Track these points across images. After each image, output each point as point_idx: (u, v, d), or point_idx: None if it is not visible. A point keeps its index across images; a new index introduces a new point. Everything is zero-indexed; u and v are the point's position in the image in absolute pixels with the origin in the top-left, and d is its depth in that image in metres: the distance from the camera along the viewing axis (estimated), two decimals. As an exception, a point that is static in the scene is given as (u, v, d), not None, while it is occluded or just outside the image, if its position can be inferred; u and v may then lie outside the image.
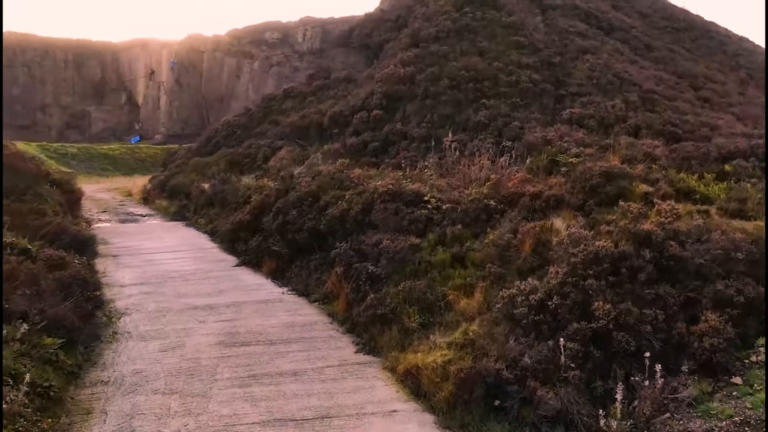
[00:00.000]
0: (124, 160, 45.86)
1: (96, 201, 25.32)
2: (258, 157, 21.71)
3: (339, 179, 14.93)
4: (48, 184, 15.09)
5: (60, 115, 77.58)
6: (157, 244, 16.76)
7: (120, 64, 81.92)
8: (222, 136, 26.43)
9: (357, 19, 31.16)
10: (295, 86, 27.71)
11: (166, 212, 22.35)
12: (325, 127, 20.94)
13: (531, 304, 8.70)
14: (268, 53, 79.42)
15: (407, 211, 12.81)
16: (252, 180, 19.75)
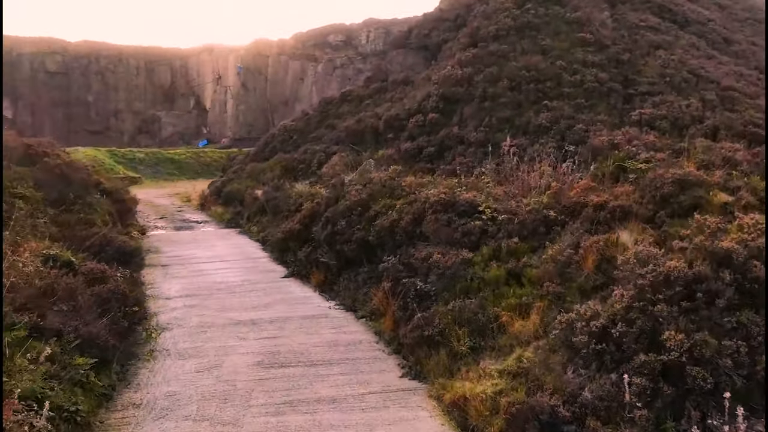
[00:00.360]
0: (189, 164, 46.61)
1: (155, 207, 25.59)
2: (313, 162, 21.32)
3: (390, 187, 14.28)
4: (98, 194, 15.08)
5: (132, 120, 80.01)
6: (208, 253, 16.55)
7: (189, 69, 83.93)
8: (279, 141, 26.23)
9: (417, 20, 30.48)
10: (353, 89, 27.23)
11: (220, 219, 22.27)
12: (380, 131, 20.36)
13: (592, 331, 7.81)
14: (332, 56, 79.92)
15: (460, 223, 12.04)
16: (305, 187, 19.35)
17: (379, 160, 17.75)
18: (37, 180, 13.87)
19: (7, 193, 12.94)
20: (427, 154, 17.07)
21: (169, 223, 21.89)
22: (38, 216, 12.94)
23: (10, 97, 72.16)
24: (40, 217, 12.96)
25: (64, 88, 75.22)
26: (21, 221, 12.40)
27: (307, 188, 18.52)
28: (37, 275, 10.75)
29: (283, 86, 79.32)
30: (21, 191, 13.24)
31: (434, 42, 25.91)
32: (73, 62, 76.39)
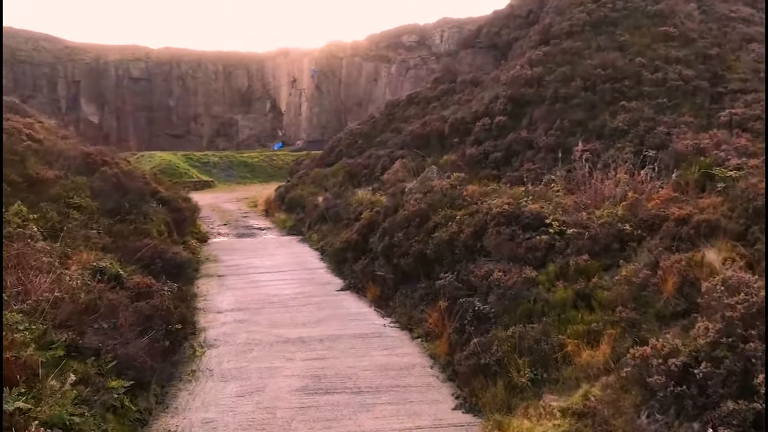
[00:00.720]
0: (262, 167, 47.05)
1: (222, 212, 25.64)
2: (376, 168, 20.70)
3: (451, 197, 13.44)
4: (155, 203, 14.95)
5: (210, 123, 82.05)
6: (266, 263, 16.19)
7: (265, 73, 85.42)
8: (344, 145, 25.76)
9: (488, 18, 29.37)
10: (420, 91, 26.44)
11: (283, 226, 21.98)
12: (445, 135, 19.50)
13: (671, 370, 6.77)
14: (405, 56, 79.48)
15: (524, 237, 11.09)
16: (367, 194, 18.75)
17: (443, 166, 16.92)
18: (95, 189, 13.80)
19: (63, 203, 12.90)
20: (493, 159, 16.11)
21: (232, 230, 21.79)
22: (92, 226, 12.83)
23: (97, 102, 75.41)
24: (94, 228, 12.84)
25: (147, 93, 77.96)
26: (74, 232, 12.30)
27: (368, 195, 17.90)
28: (83, 289, 10.54)
29: (357, 88, 79.49)
30: (77, 201, 13.18)
31: (504, 41, 24.79)
32: (156, 68, 79.08)
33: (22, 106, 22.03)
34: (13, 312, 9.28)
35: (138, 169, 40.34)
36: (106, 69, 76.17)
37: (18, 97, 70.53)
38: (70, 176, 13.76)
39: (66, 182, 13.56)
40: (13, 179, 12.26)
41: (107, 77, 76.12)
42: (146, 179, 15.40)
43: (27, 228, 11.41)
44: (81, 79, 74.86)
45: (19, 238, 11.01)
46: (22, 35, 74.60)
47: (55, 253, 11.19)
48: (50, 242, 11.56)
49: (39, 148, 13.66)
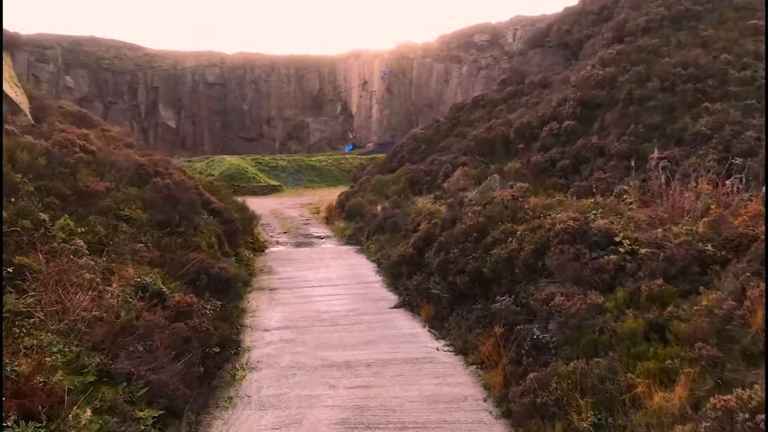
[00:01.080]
0: (330, 171, 46.90)
1: (283, 219, 25.39)
2: (438, 175, 19.88)
3: (512, 209, 12.50)
4: (207, 214, 14.65)
5: (282, 126, 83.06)
6: (321, 275, 15.66)
7: (336, 75, 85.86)
8: (407, 150, 24.98)
9: (558, 15, 27.95)
10: (486, 93, 25.38)
11: (342, 234, 21.46)
12: (510, 140, 18.47)
13: (758, 427, 5.75)
14: (477, 56, 78.11)
15: (591, 256, 10.06)
16: (428, 202, 17.96)
17: (507, 174, 15.94)
18: (146, 201, 13.60)
19: (113, 215, 12.72)
20: (560, 167, 14.99)
21: (291, 238, 21.44)
22: (140, 239, 12.59)
23: (174, 107, 77.61)
24: (143, 241, 12.60)
25: (221, 97, 79.67)
26: (121, 245, 12.07)
27: (427, 205, 17.12)
28: (124, 308, 10.24)
29: (428, 89, 78.71)
30: (127, 213, 12.97)
31: (575, 39, 23.43)
32: (230, 73, 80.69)
33: (89, 114, 22.40)
34: (49, 333, 9.06)
35: (208, 175, 41.08)
36: (183, 75, 78.30)
37: (101, 103, 73.63)
38: (122, 188, 13.59)
39: (117, 194, 13.39)
40: (63, 192, 12.14)
41: (184, 83, 78.23)
42: (199, 190, 15.13)
43: (72, 243, 11.21)
44: (159, 85, 77.20)
45: (62, 254, 10.82)
46: (105, 44, 77.65)
47: (98, 269, 10.97)
48: (95, 257, 11.35)
49: (92, 160, 13.56)
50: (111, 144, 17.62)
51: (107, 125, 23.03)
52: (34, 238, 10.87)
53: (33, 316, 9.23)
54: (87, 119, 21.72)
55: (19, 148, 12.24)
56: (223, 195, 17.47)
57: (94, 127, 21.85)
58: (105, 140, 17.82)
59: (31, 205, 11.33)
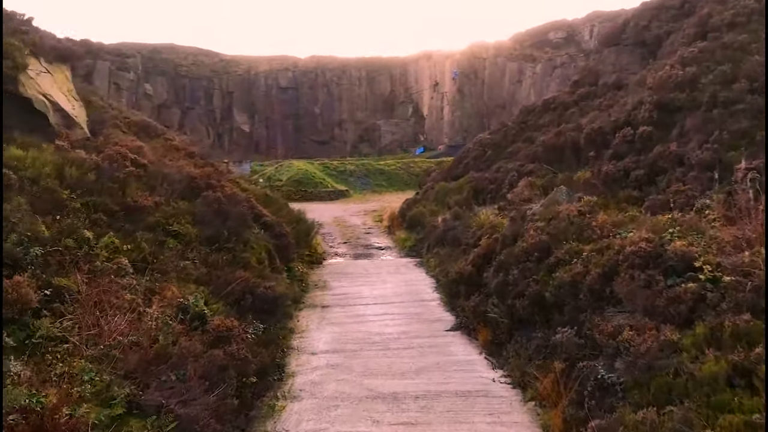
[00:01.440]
0: (398, 175, 46.28)
1: (345, 228, 24.91)
2: (504, 184, 18.86)
3: (579, 226, 11.47)
4: (258, 228, 14.24)
5: (354, 129, 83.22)
6: (376, 292, 14.99)
7: (407, 77, 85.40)
8: (472, 157, 23.97)
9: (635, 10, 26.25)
10: (557, 95, 24.08)
11: (402, 246, 20.74)
12: (581, 147, 17.27)
13: None
14: (552, 55, 75.83)
15: (666, 284, 8.97)
16: (491, 214, 17.01)
17: (575, 185, 14.82)
18: (197, 215, 13.31)
19: (161, 230, 12.46)
20: (634, 178, 13.75)
21: (350, 249, 20.90)
22: (188, 256, 12.29)
23: (248, 112, 79.04)
24: (190, 257, 12.28)
25: (293, 101, 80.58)
26: (167, 262, 11.78)
27: (490, 217, 16.18)
28: (163, 331, 9.89)
29: (500, 89, 77.07)
30: (176, 228, 12.70)
31: (653, 36, 21.83)
32: (302, 77, 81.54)
33: (154, 124, 22.56)
34: (82, 359, 8.76)
35: (276, 180, 41.23)
36: (257, 79, 79.64)
37: (178, 108, 75.81)
38: (172, 202, 13.35)
39: (167, 208, 13.15)
40: (111, 208, 11.96)
41: (257, 87, 79.56)
42: (250, 203, 14.75)
43: (115, 261, 10.96)
44: (234, 90, 78.79)
45: (104, 274, 10.57)
46: (183, 51, 79.95)
47: (140, 289, 10.68)
48: (139, 276, 11.07)
49: (142, 174, 13.38)
50: (168, 155, 17.53)
51: (171, 134, 23.16)
52: (78, 257, 10.67)
53: (68, 341, 8.97)
54: (151, 129, 21.85)
55: (68, 164, 12.13)
56: (279, 206, 17.07)
57: (158, 136, 21.96)
58: (164, 151, 17.76)
59: (77, 222, 11.17)
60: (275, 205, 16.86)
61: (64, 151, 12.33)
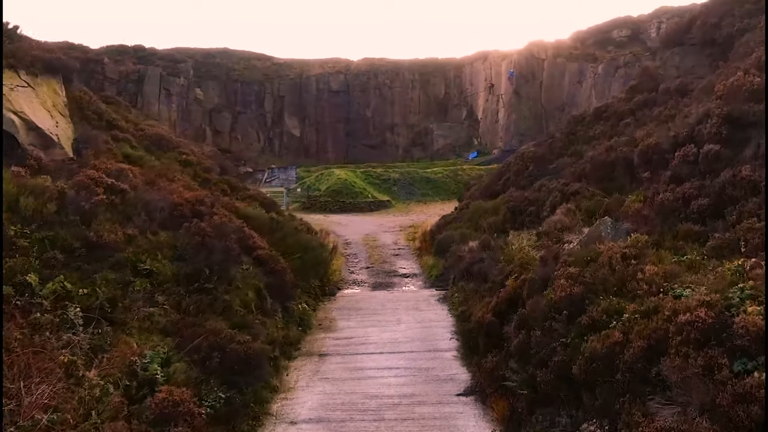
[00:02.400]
0: (444, 183, 43.98)
1: (372, 248, 22.94)
2: (545, 205, 16.51)
3: (621, 276, 9.21)
4: (249, 263, 12.44)
5: (406, 133, 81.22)
6: (386, 335, 12.97)
7: (462, 79, 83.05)
8: (513, 172, 21.53)
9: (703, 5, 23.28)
10: (611, 103, 21.38)
11: (429, 274, 18.63)
12: (634, 166, 14.84)
13: None
14: (615, 54, 71.75)
15: (732, 371, 6.69)
16: (526, 241, 14.77)
17: (624, 214, 12.46)
18: (177, 249, 11.62)
19: (129, 269, 10.81)
20: (696, 209, 11.27)
21: (371, 276, 18.91)
22: (158, 300, 10.59)
23: (299, 116, 78.02)
24: (160, 302, 10.59)
25: (345, 105, 79.18)
26: (130, 309, 10.10)
27: (524, 245, 13.94)
28: (101, 402, 8.21)
29: (559, 91, 73.57)
30: (148, 266, 11.03)
31: (725, 34, 18.98)
32: (354, 80, 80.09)
33: (168, 136, 21.20)
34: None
35: (315, 190, 39.54)
36: (308, 83, 78.63)
37: (230, 113, 75.50)
38: (149, 234, 11.69)
39: (142, 242, 11.51)
40: (70, 244, 10.36)
41: (308, 91, 78.55)
42: (243, 233, 12.98)
43: (61, 311, 9.32)
44: (285, 94, 77.99)
45: (44, 328, 8.95)
46: (236, 56, 79.67)
47: (83, 346, 9.03)
48: (88, 329, 9.41)
49: (118, 202, 11.78)
50: (168, 174, 15.97)
51: (189, 147, 21.73)
52: (15, 307, 9.10)
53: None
54: (164, 142, 20.47)
55: (25, 193, 10.59)
56: (285, 233, 15.11)
57: (171, 149, 20.57)
58: (163, 170, 16.23)
59: (24, 263, 9.61)
60: (281, 232, 15.04)
61: (21, 177, 10.82)
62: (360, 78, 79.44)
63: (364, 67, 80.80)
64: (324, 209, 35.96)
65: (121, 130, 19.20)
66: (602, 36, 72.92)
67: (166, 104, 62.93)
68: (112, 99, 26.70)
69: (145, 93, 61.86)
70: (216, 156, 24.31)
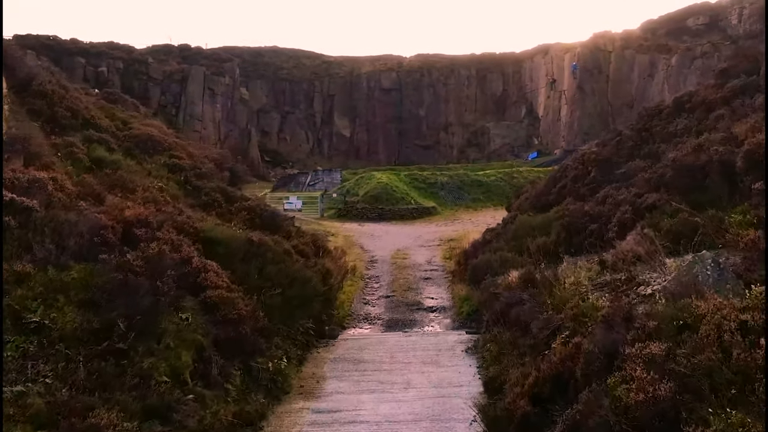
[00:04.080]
0: (498, 187, 39.83)
1: (401, 269, 19.16)
2: (611, 223, 12.53)
3: (743, 365, 5.39)
4: (195, 308, 9.02)
5: (461, 133, 77.17)
6: (385, 408, 9.31)
7: (521, 75, 78.49)
8: (571, 177, 17.41)
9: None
10: (695, 91, 17.02)
11: (459, 309, 14.75)
12: (736, 171, 10.85)
13: None
14: (691, 44, 65.66)
15: None
16: (588, 271, 10.95)
17: (730, 243, 8.57)
18: (91, 290, 8.41)
19: (10, 322, 7.65)
20: None
21: (388, 310, 15.17)
22: (39, 370, 7.36)
23: (349, 116, 74.99)
24: (43, 371, 7.38)
25: (396, 103, 75.71)
26: None
27: (580, 283, 10.14)
28: None
29: (628, 85, 67.97)
30: (37, 317, 7.84)
31: None
32: (406, 77, 76.49)
33: (160, 137, 18.15)
34: None
35: (353, 195, 36.01)
36: (359, 81, 75.54)
37: (278, 113, 73.12)
38: (52, 270, 8.48)
39: (39, 281, 8.30)
40: None
41: (359, 89, 75.47)
42: (191, 266, 9.59)
43: None
44: (335, 93, 75.16)
45: None
46: (285, 54, 77.30)
47: None
48: None
49: (15, 225, 8.62)
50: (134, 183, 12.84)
51: (185, 149, 18.70)
52: None
53: None
54: (153, 144, 17.53)
55: None
56: (267, 260, 11.50)
57: (161, 152, 17.57)
58: (125, 180, 13.12)
59: None
60: (259, 259, 11.52)
61: None
62: (413, 75, 75.76)
63: (417, 63, 77.07)
64: (361, 217, 32.49)
65: (98, 129, 16.34)
66: (676, 25, 66.94)
67: (210, 104, 60.73)
68: (116, 97, 24.07)
69: (188, 93, 59.78)
70: (226, 159, 21.21)
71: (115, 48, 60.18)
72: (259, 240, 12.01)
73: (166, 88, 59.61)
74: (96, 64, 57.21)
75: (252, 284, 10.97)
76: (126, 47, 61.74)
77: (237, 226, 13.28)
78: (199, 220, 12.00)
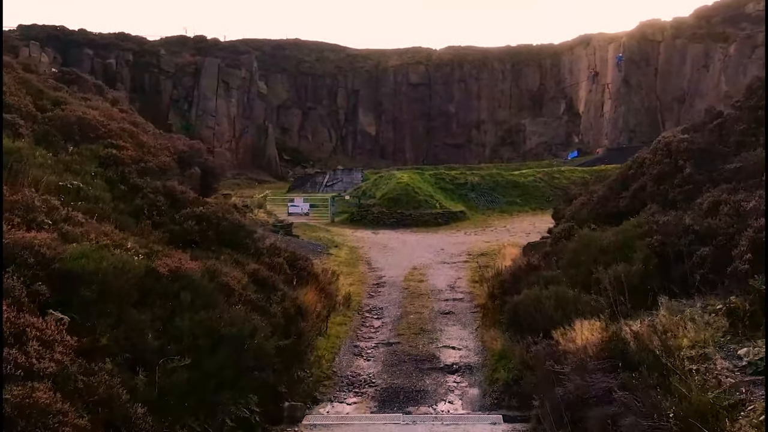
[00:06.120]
0: (537, 189, 34.99)
1: (413, 298, 14.30)
2: (733, 243, 7.81)
3: None
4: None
5: (494, 131, 72.27)
6: None
7: (560, 68, 73.13)
8: (651, 175, 12.30)
9: None
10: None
11: (492, 374, 9.70)
12: None
13: None
14: (751, 31, 59.53)
15: None
16: (707, 326, 6.28)
17: None
18: None
19: None
20: None
21: (389, 367, 10.05)
22: None
23: (374, 112, 70.59)
24: None
25: (425, 99, 71.22)
26: None
27: (708, 358, 5.50)
28: None
29: (679, 79, 62.08)
30: None
31: None
32: (435, 71, 71.86)
33: (97, 122, 13.82)
34: None
35: (369, 197, 31.37)
36: (385, 76, 71.10)
37: (299, 109, 68.91)
38: None
39: None
40: None
41: (385, 84, 71.01)
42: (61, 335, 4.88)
43: None
44: (360, 88, 70.86)
45: None
46: (307, 47, 73.16)
47: None
48: None
49: None
50: None
51: (137, 138, 14.41)
52: None
53: None
54: (87, 129, 13.28)
55: None
56: (180, 301, 6.99)
57: (95, 140, 13.36)
58: None
59: None
60: (175, 300, 6.96)
61: None
62: (442, 69, 71.00)
63: (447, 56, 72.23)
64: (376, 223, 27.92)
65: (7, 111, 12.13)
66: (733, 11, 60.96)
67: (224, 99, 56.76)
68: (73, 77, 19.84)
69: (201, 86, 55.92)
70: (198, 152, 16.83)
71: (125, 39, 56.61)
72: (173, 271, 7.53)
73: (178, 81, 55.90)
74: (104, 56, 53.68)
75: (147, 348, 6.51)
76: (137, 38, 58.14)
77: (160, 245, 8.86)
78: (103, 237, 7.55)
